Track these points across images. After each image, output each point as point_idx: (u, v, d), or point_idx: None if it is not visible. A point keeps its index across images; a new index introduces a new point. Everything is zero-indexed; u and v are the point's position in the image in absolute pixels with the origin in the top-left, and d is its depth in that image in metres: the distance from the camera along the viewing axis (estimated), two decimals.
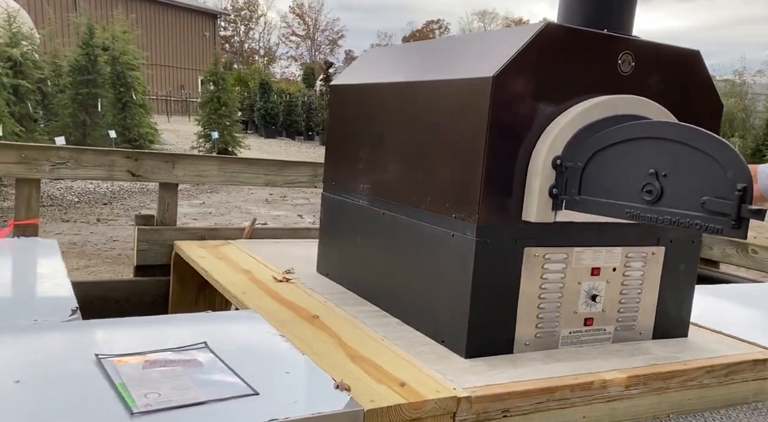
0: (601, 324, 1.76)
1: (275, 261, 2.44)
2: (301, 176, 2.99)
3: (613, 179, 1.52)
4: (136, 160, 2.63)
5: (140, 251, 2.69)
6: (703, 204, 1.37)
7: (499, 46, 1.58)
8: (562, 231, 1.63)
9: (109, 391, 1.21)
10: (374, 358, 1.52)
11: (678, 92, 1.74)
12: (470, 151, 1.54)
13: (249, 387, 1.27)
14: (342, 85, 2.20)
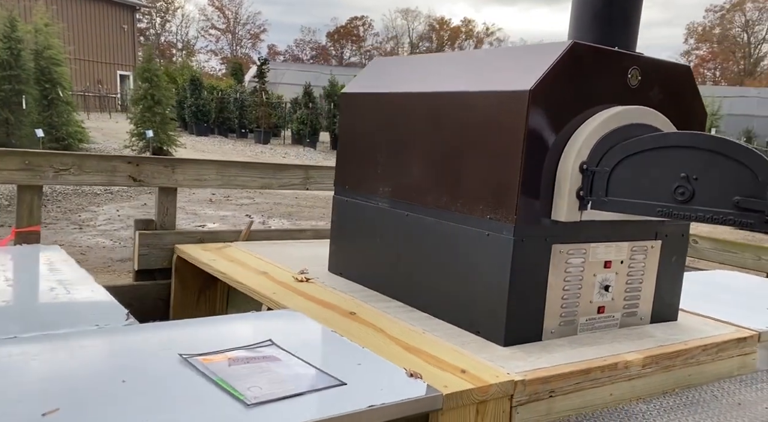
0: (611, 312, 1.96)
1: (283, 262, 2.52)
2: (295, 179, 3.06)
3: (644, 182, 1.71)
4: (137, 166, 2.64)
5: (141, 255, 2.70)
6: (737, 203, 1.59)
7: (529, 61, 1.74)
8: (581, 229, 1.81)
9: (210, 386, 1.29)
10: (426, 349, 1.65)
11: (674, 103, 1.95)
12: (507, 157, 1.70)
13: (335, 379, 1.38)
14: (355, 93, 2.31)
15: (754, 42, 47.19)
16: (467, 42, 62.70)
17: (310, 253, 2.75)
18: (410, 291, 2.04)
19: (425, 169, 1.99)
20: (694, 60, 49.80)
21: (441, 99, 1.91)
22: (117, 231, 7.84)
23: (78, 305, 1.81)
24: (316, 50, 64.98)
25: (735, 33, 47.89)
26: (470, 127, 1.82)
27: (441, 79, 1.97)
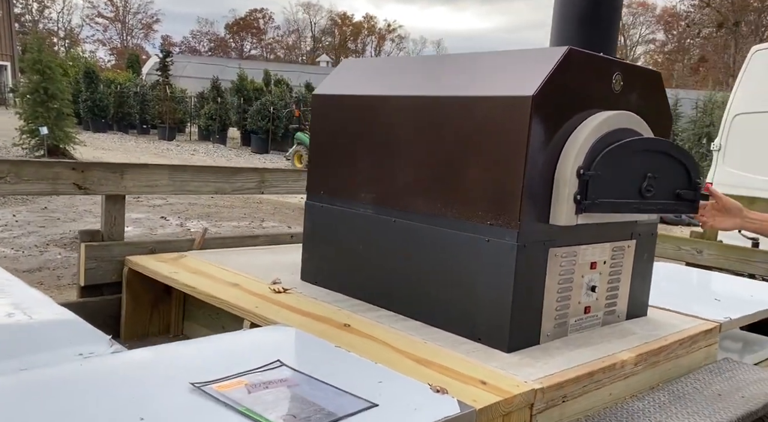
0: (595, 311, 2.01)
1: (251, 272, 2.40)
2: (249, 183, 2.93)
3: (623, 183, 1.82)
4: (82, 172, 2.42)
5: (88, 270, 2.48)
6: (678, 195, 1.98)
7: (526, 67, 1.74)
8: (573, 232, 1.84)
9: (238, 417, 1.19)
10: (437, 360, 1.62)
11: (648, 107, 2.02)
12: (508, 163, 1.69)
13: (365, 401, 1.31)
14: (330, 95, 2.22)
15: (630, 44, 50.46)
16: (370, 38, 63.07)
17: (273, 261, 2.64)
18: (400, 299, 2.00)
19: (416, 174, 1.94)
20: None
21: (433, 103, 1.88)
22: (18, 239, 7.23)
23: (47, 331, 1.62)
24: (215, 42, 63.00)
25: None
26: (467, 132, 1.79)
27: (432, 83, 1.93)
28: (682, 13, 42.97)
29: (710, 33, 39.77)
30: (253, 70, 23.29)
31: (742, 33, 36.94)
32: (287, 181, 3.07)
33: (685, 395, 1.87)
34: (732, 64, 35.23)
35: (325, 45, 61.85)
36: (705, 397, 1.87)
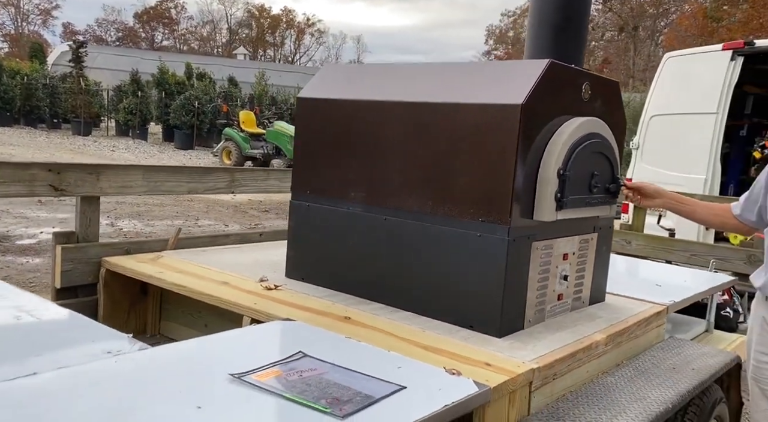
0: (566, 298, 2.22)
1: (235, 270, 2.46)
2: (220, 182, 2.97)
3: (581, 182, 2.04)
4: (58, 173, 2.39)
5: (64, 272, 2.46)
6: (608, 188, 2.21)
7: (513, 77, 1.91)
8: (552, 227, 2.03)
9: (285, 403, 1.29)
10: (443, 347, 1.76)
11: (609, 113, 2.25)
12: (500, 165, 1.85)
13: (395, 384, 1.44)
14: (318, 98, 2.32)
15: None
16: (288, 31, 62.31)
17: (252, 259, 2.70)
18: (391, 292, 2.12)
19: (406, 175, 2.08)
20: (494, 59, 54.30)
21: (424, 109, 2.02)
22: None
23: (63, 330, 1.65)
24: (123, 32, 60.19)
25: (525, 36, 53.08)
26: (458, 137, 1.94)
27: (421, 90, 2.07)
28: None
29: (612, 36, 41.93)
30: (173, 62, 22.58)
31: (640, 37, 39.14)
32: (256, 181, 3.12)
33: (646, 370, 2.11)
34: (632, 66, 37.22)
35: (242, 37, 60.55)
36: (663, 371, 2.11)
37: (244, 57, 42.35)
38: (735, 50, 6.01)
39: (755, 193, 2.16)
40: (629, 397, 1.84)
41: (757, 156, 6.19)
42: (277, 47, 62.67)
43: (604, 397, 1.82)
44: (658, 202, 2.39)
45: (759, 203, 2.13)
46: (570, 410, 1.72)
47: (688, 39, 29.79)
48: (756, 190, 2.15)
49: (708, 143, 6.06)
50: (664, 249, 4.63)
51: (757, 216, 2.16)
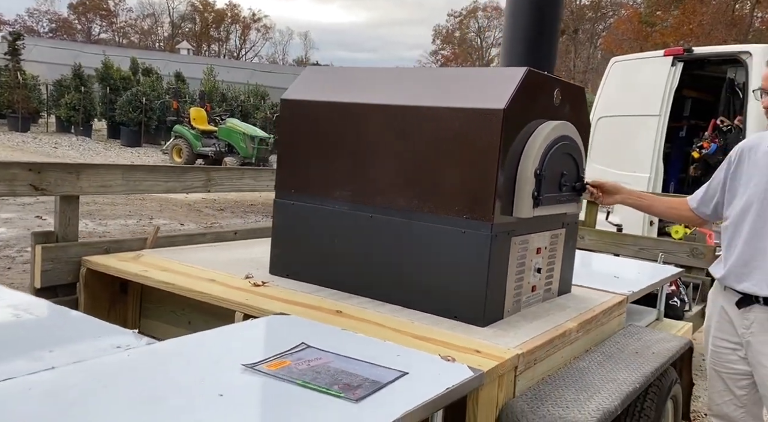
0: (538, 289, 2.37)
1: (218, 267, 2.52)
2: (197, 181, 3.00)
3: (553, 181, 2.19)
4: (39, 173, 2.39)
5: (44, 271, 2.46)
6: (574, 187, 2.37)
7: (494, 83, 2.05)
8: (526, 223, 2.18)
9: (300, 390, 1.38)
10: (432, 336, 1.88)
11: (576, 116, 2.41)
12: (484, 165, 1.98)
13: (397, 370, 1.54)
14: (302, 100, 2.39)
15: (486, 46, 53.46)
16: (234, 26, 61.30)
17: (233, 257, 2.76)
18: (377, 286, 2.23)
19: (392, 174, 2.18)
20: (441, 59, 54.83)
21: (409, 112, 2.12)
22: None
23: (64, 328, 1.68)
24: (57, 23, 57.76)
25: (471, 37, 53.75)
26: (442, 139, 2.06)
27: (408, 93, 2.17)
28: None
29: None
30: (116, 57, 21.95)
31: (580, 39, 40.34)
32: (231, 179, 3.17)
33: (613, 354, 2.28)
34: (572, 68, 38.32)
35: (185, 31, 59.14)
36: (627, 355, 2.29)
37: (187, 52, 41.37)
38: (675, 56, 6.38)
39: (713, 187, 2.35)
40: (601, 379, 1.99)
41: (696, 156, 6.57)
42: (222, 42, 61.53)
43: (579, 380, 1.97)
44: (618, 198, 2.54)
45: (716, 199, 2.34)
46: (551, 391, 1.86)
47: (625, 42, 30.97)
48: (714, 184, 2.35)
49: (652, 143, 6.41)
50: (615, 243, 4.88)
51: (712, 210, 2.37)
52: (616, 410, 1.80)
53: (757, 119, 5.79)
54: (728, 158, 2.33)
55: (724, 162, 2.34)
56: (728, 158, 2.33)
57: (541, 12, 2.25)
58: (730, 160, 2.32)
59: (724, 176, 2.31)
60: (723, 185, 2.32)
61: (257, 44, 62.34)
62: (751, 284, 2.20)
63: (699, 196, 2.42)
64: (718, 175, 2.34)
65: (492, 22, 52.88)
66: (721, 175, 2.32)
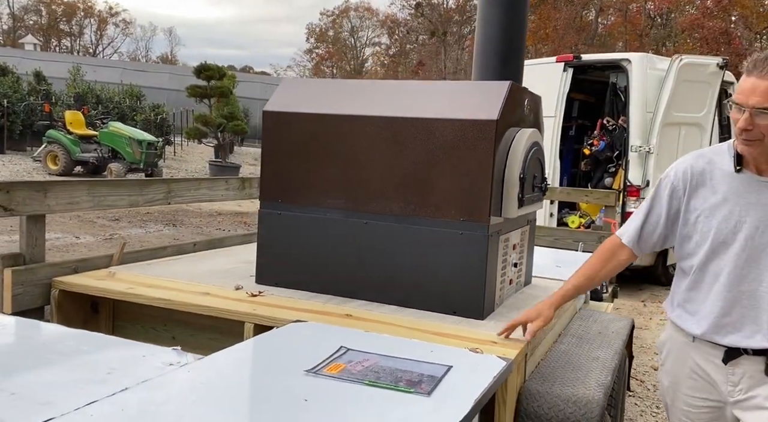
0: (514, 282, 2.60)
1: (203, 280, 2.50)
2: (158, 194, 2.92)
3: (529, 183, 2.39)
4: (7, 193, 2.25)
5: (15, 296, 2.31)
6: (541, 187, 2.55)
7: (481, 96, 2.23)
8: (509, 223, 2.39)
9: (369, 388, 1.47)
10: (448, 331, 2.03)
11: (537, 123, 2.65)
12: (478, 171, 2.16)
13: (443, 365, 1.68)
14: (286, 112, 2.44)
15: (359, 46, 54.22)
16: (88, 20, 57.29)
17: (208, 269, 2.74)
18: (374, 289, 2.33)
19: (386, 182, 2.29)
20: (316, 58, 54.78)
21: (403, 123, 2.25)
22: None
23: (100, 350, 1.64)
24: None
25: (344, 36, 54.26)
26: (437, 147, 2.21)
27: (398, 105, 2.29)
28: (402, 20, 47.42)
29: (425, 40, 44.55)
30: None
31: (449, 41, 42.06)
32: (189, 190, 3.11)
33: (582, 336, 2.55)
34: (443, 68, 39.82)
35: (28, 25, 54.32)
36: (594, 336, 2.57)
37: (34, 47, 38.00)
38: (566, 63, 6.98)
39: (651, 223, 1.94)
40: (586, 358, 2.24)
41: (587, 152, 7.22)
42: (75, 37, 57.29)
43: (569, 361, 2.21)
44: (547, 316, 1.98)
45: (658, 233, 1.93)
46: (551, 373, 2.08)
47: None
48: (653, 219, 1.93)
49: (549, 142, 6.96)
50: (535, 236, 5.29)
51: (652, 246, 1.97)
52: (610, 383, 2.05)
53: (639, 119, 6.50)
54: (668, 186, 1.89)
55: (661, 190, 1.91)
56: (668, 186, 1.89)
57: (511, 25, 2.46)
58: (674, 188, 1.87)
59: (668, 208, 1.89)
60: (668, 218, 1.90)
61: (116, 40, 58.75)
62: (741, 336, 1.79)
63: (633, 234, 1.97)
64: (656, 207, 1.92)
65: (365, 22, 53.58)
66: (663, 207, 1.90)
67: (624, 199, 6.48)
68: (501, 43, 2.49)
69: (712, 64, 6.55)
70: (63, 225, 8.55)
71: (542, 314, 1.98)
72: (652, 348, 5.08)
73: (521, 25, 2.55)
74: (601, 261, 2.03)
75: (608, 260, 2.01)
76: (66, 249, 7.07)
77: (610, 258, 2.01)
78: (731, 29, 26.17)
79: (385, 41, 53.41)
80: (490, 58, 2.47)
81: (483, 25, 2.53)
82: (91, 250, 7.03)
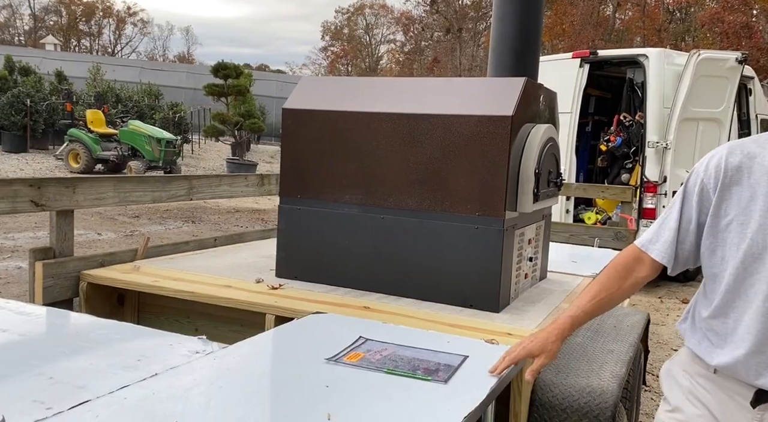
0: (529, 276, 2.63)
1: (224, 273, 2.57)
2: (181, 190, 3.00)
3: (544, 178, 2.43)
4: (39, 189, 2.34)
5: (46, 288, 2.40)
6: (556, 182, 2.60)
7: (497, 93, 2.27)
8: (524, 217, 2.42)
9: (388, 376, 1.52)
10: (462, 323, 2.07)
11: (552, 118, 2.68)
12: (494, 166, 2.20)
13: (460, 355, 1.72)
14: (305, 110, 2.50)
15: (374, 43, 54.17)
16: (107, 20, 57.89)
17: (229, 263, 2.81)
18: (391, 282, 2.38)
19: (402, 178, 2.34)
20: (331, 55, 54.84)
21: (420, 119, 2.30)
22: None
23: (129, 339, 1.71)
24: None
25: (359, 34, 54.25)
26: (453, 143, 2.25)
27: (415, 102, 2.34)
28: (417, 17, 47.33)
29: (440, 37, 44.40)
30: None
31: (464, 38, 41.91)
32: (210, 187, 3.19)
33: (597, 329, 2.58)
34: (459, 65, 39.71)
35: (49, 25, 54.96)
36: (609, 329, 2.60)
37: (54, 47, 38.50)
38: (582, 58, 6.97)
39: (684, 230, 1.52)
40: (601, 350, 2.28)
41: (603, 148, 7.21)
42: (94, 37, 57.91)
43: (584, 353, 2.24)
44: (552, 352, 1.61)
45: (691, 241, 1.52)
46: (566, 364, 2.11)
47: None
48: (683, 225, 1.52)
49: (565, 138, 6.95)
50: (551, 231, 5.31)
51: (683, 261, 1.56)
52: (625, 375, 2.08)
53: (657, 115, 6.47)
54: (697, 183, 1.49)
55: (690, 188, 1.51)
56: (697, 183, 1.49)
57: (527, 21, 2.49)
58: (704, 185, 1.48)
59: (698, 212, 1.49)
60: (699, 226, 1.50)
61: (134, 39, 59.33)
62: None
63: (667, 247, 1.54)
64: (686, 211, 1.52)
65: (379, 19, 53.54)
66: (693, 210, 1.50)
67: (641, 195, 6.46)
68: (516, 40, 2.52)
69: (731, 58, 6.50)
70: (85, 222, 8.71)
71: (546, 350, 1.60)
72: (668, 343, 5.08)
73: (537, 21, 2.59)
74: (617, 279, 1.60)
75: (625, 278, 1.60)
76: (89, 245, 7.21)
77: (626, 275, 1.60)
78: (752, 23, 25.81)
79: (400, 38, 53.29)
80: (506, 55, 2.51)
81: (498, 22, 2.57)
82: (113, 246, 7.16)
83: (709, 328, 1.51)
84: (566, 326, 1.63)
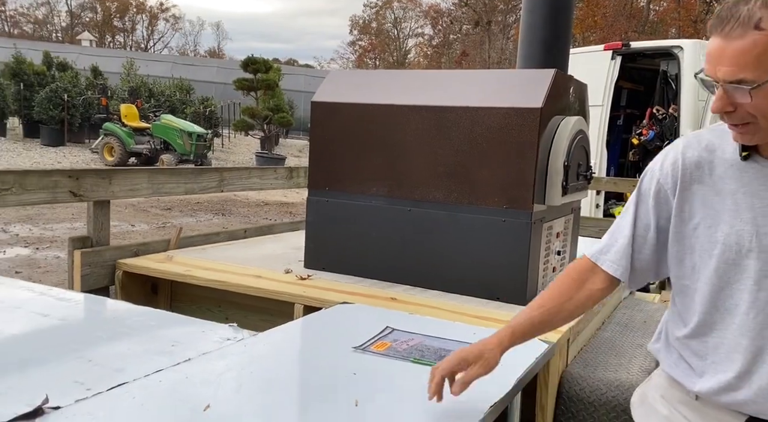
0: (557, 270, 2.62)
1: (254, 263, 2.62)
2: (212, 182, 3.06)
3: (574, 171, 2.41)
4: (77, 180, 2.41)
5: (84, 276, 2.48)
6: (585, 175, 2.56)
7: (526, 85, 2.26)
8: (552, 211, 2.42)
9: (414, 365, 1.54)
10: (487, 315, 2.08)
11: (582, 111, 2.66)
12: (523, 159, 2.20)
13: None
14: (334, 102, 2.52)
15: (402, 37, 53.97)
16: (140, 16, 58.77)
17: (259, 254, 2.86)
18: (418, 274, 2.40)
19: (430, 170, 2.35)
20: (359, 50, 54.85)
21: (448, 111, 2.30)
22: None
23: (162, 326, 1.76)
24: None
25: (388, 28, 54.11)
26: (481, 135, 2.26)
27: (442, 94, 2.35)
28: (445, 10, 47.02)
29: (468, 30, 44.05)
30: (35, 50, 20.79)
31: (493, 31, 41.50)
32: (241, 179, 3.24)
33: (626, 324, 2.56)
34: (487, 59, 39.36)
35: (85, 21, 56.00)
36: (638, 324, 2.58)
37: (90, 43, 39.28)
38: (614, 50, 6.86)
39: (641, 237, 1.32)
40: (629, 345, 2.26)
41: (635, 142, 7.10)
42: (128, 33, 58.89)
43: (612, 347, 2.23)
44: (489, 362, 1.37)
45: (649, 250, 1.32)
46: (594, 358, 2.11)
47: None
48: (642, 232, 1.32)
49: (596, 132, 6.86)
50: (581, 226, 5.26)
51: (653, 273, 1.37)
52: (654, 370, 2.07)
53: (691, 108, 6.35)
54: (653, 184, 1.30)
55: (644, 190, 1.32)
56: (653, 184, 1.30)
57: (557, 12, 2.48)
58: (660, 186, 1.29)
59: (657, 217, 1.30)
60: (659, 232, 1.30)
61: (166, 35, 60.16)
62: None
63: (619, 257, 1.35)
64: (642, 215, 1.32)
65: (408, 13, 53.35)
66: (650, 215, 1.31)
67: None
68: (546, 31, 2.51)
69: None
70: (119, 214, 8.89)
71: (483, 357, 1.36)
72: None
73: (567, 12, 2.57)
74: (569, 288, 1.42)
75: (577, 288, 1.40)
76: (123, 236, 7.37)
77: (579, 285, 1.40)
78: None
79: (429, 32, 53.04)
80: (535, 47, 2.50)
81: (528, 13, 2.55)
82: (146, 237, 7.31)
83: (686, 348, 1.29)
84: (506, 336, 1.41)
